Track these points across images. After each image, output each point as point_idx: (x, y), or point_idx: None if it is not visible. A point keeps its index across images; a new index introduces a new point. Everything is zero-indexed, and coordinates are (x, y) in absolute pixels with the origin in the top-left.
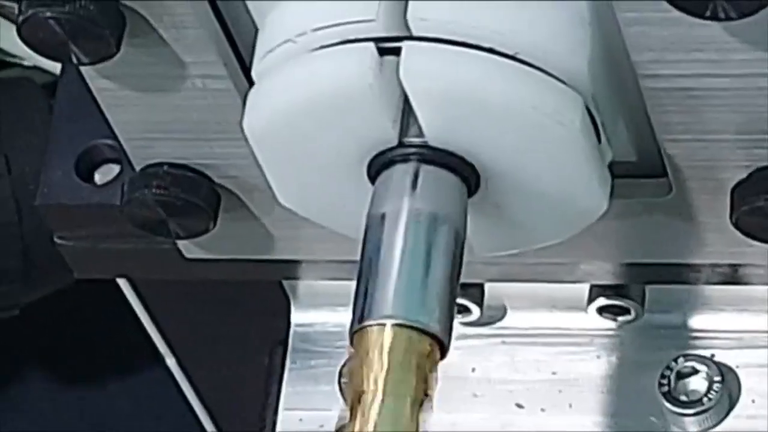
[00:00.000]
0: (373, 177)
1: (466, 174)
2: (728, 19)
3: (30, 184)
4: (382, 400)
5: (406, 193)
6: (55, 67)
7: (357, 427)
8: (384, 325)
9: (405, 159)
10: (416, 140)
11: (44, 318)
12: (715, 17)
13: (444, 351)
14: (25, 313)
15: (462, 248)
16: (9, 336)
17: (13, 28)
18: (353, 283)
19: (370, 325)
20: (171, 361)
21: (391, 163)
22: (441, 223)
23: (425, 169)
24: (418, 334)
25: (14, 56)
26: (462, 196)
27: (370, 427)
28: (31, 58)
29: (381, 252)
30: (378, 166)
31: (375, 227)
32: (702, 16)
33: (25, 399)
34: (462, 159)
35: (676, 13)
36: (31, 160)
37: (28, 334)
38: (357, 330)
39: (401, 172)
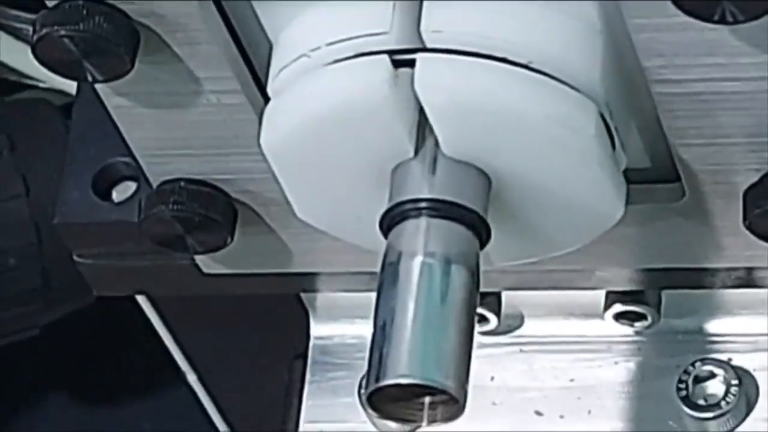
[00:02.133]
0: (385, 232)
1: (477, 225)
2: (736, 22)
3: (48, 204)
4: None
5: (419, 246)
6: (72, 88)
7: None
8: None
9: (417, 214)
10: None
11: (64, 338)
12: (723, 21)
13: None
14: (45, 333)
15: (475, 306)
16: (29, 356)
17: (29, 49)
18: (372, 294)
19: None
20: (192, 378)
21: (403, 218)
22: (455, 275)
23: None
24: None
25: (31, 78)
26: (474, 247)
27: None
28: (47, 79)
29: (397, 309)
30: (389, 220)
31: (390, 276)
32: (710, 20)
33: (45, 420)
34: (472, 211)
35: (685, 18)
36: (49, 181)
37: (48, 355)
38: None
39: (413, 226)
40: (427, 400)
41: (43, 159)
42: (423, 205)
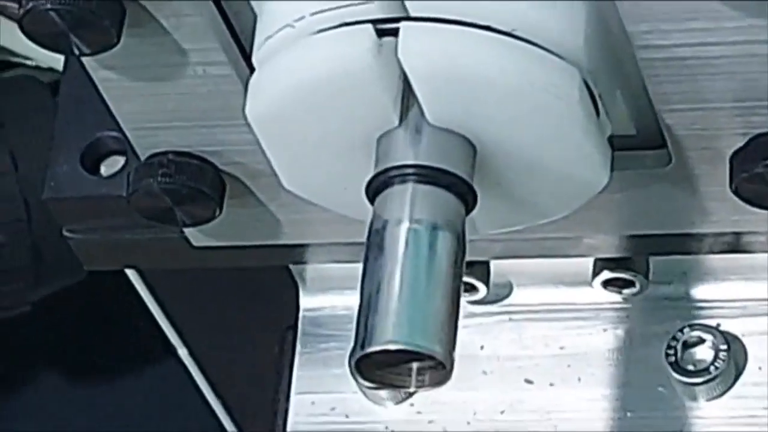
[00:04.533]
0: (371, 199)
1: (463, 191)
2: None
3: (37, 181)
4: None
5: (405, 213)
6: (60, 65)
7: None
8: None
9: (402, 180)
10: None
11: (55, 314)
12: None
13: (447, 373)
14: (36, 309)
15: (461, 273)
16: (20, 333)
17: (17, 27)
18: (360, 266)
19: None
20: (183, 352)
21: (389, 184)
22: (441, 241)
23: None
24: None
25: (18, 56)
26: (459, 214)
27: None
28: (35, 57)
29: (383, 276)
30: (375, 188)
31: (376, 243)
32: None
33: (37, 396)
34: (458, 177)
35: None
36: (37, 158)
37: (39, 331)
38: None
39: (399, 192)
40: (414, 365)
41: (32, 136)
42: (408, 171)
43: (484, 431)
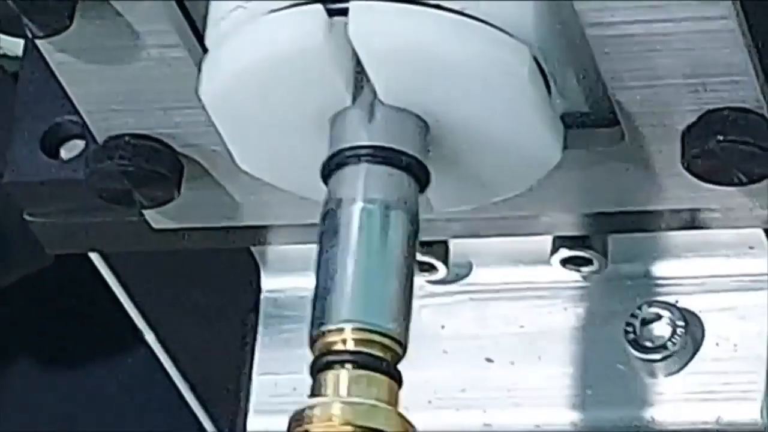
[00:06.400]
0: (325, 179)
1: (416, 171)
2: None
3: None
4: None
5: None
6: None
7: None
8: (342, 329)
9: (356, 161)
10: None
11: (20, 300)
12: None
13: (404, 350)
14: (2, 296)
15: (415, 251)
16: None
17: None
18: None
19: (330, 330)
20: (150, 336)
21: (342, 165)
22: (395, 221)
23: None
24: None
25: None
26: (413, 192)
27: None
28: (1, 45)
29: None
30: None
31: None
32: None
33: (5, 384)
34: (412, 157)
35: None
36: (1, 146)
37: (4, 318)
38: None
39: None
40: None
41: None
42: (362, 152)
43: (445, 409)
